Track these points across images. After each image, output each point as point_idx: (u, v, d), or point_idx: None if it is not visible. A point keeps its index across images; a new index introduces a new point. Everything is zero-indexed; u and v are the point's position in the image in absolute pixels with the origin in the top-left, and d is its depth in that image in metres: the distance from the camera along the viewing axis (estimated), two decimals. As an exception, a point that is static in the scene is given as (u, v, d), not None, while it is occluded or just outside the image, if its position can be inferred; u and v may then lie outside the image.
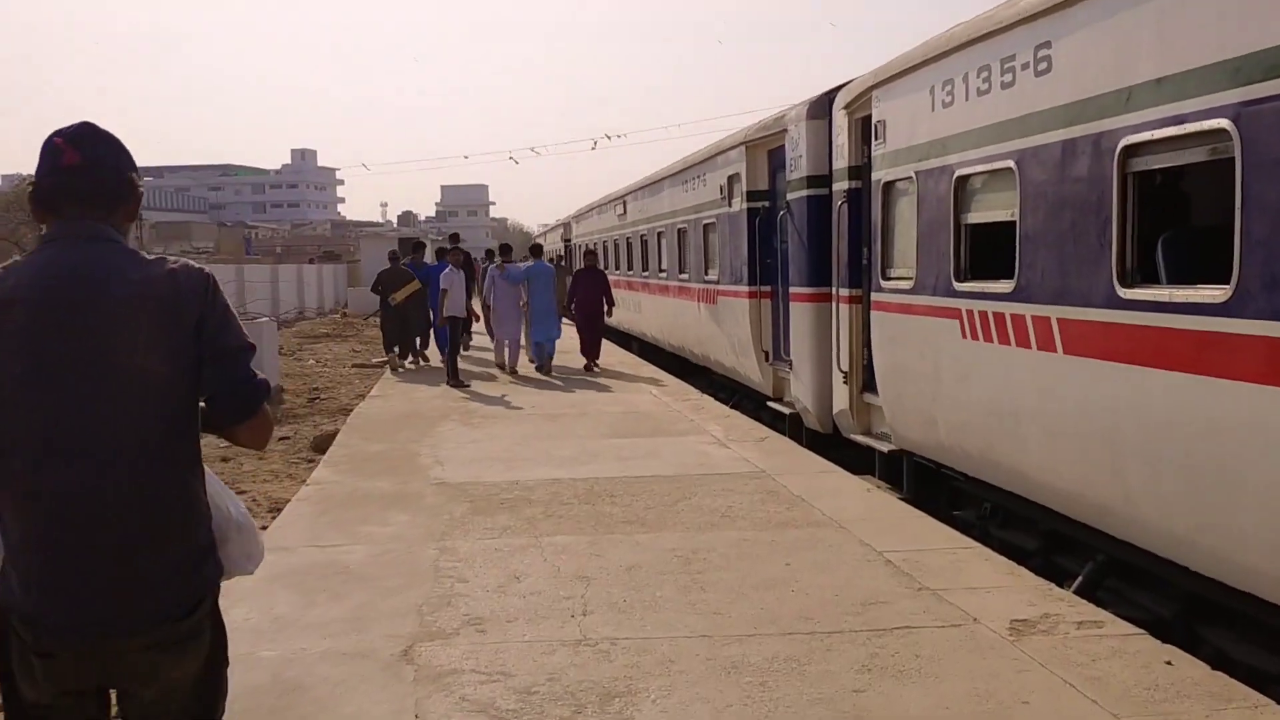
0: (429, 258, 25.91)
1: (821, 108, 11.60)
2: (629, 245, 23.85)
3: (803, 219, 11.84)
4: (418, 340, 21.06)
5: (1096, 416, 6.28)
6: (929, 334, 8.42)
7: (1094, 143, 6.22)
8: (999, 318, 7.34)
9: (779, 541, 7.54)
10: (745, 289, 13.73)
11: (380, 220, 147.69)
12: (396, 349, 20.72)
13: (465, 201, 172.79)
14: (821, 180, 11.62)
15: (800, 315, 12.00)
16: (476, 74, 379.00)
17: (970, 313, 7.73)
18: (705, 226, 16.01)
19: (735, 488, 9.33)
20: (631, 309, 24.04)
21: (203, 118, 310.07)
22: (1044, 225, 6.80)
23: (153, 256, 2.86)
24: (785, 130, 12.32)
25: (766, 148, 13.40)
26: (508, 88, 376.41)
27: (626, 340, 25.92)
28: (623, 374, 18.70)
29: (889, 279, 9.36)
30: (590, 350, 19.13)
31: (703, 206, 16.08)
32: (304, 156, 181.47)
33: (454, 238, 29.40)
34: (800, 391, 12.17)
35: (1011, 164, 7.16)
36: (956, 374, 8.03)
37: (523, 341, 19.42)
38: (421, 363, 21.08)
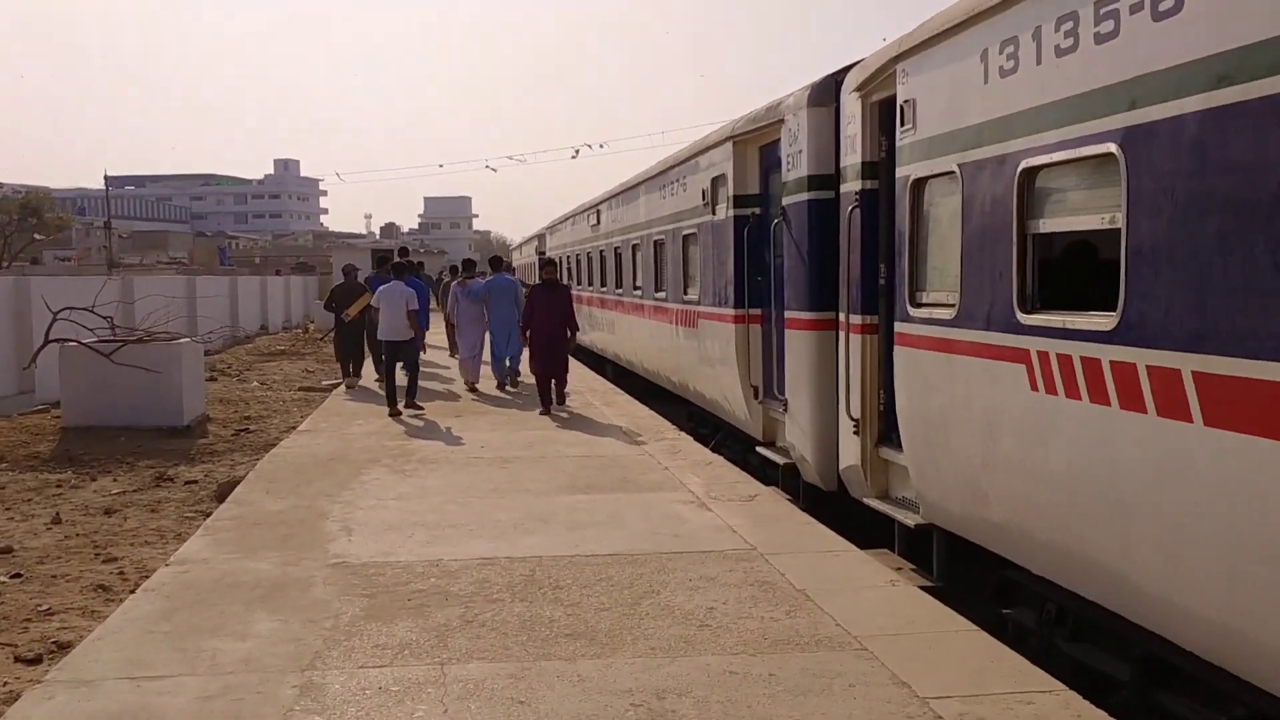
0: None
1: (827, 92, 9.49)
2: (602, 259, 21.71)
3: (802, 228, 9.72)
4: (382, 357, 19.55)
5: (1265, 520, 4.15)
6: (979, 380, 6.29)
7: (1268, 107, 4.10)
8: (1091, 366, 5.21)
9: (779, 677, 5.36)
10: (731, 311, 11.59)
11: (364, 232, 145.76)
12: (352, 367, 19.77)
13: (448, 214, 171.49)
14: (826, 181, 9.51)
15: (798, 345, 9.87)
16: (463, 83, 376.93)
17: (1044, 356, 5.60)
18: (685, 238, 13.88)
19: (717, 575, 7.16)
20: (605, 329, 21.88)
21: (186, 127, 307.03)
22: (1171, 235, 4.67)
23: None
24: (781, 121, 10.20)
25: (758, 143, 11.29)
26: (492, 96, 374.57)
27: (600, 362, 23.76)
28: (591, 404, 16.53)
29: (920, 305, 7.22)
30: (547, 390, 15.35)
31: (682, 215, 13.95)
32: (287, 167, 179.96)
33: (402, 251, 27.50)
34: (797, 438, 10.03)
35: (1113, 147, 5.04)
36: (1021, 437, 5.90)
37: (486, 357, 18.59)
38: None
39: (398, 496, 9.86)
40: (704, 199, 12.63)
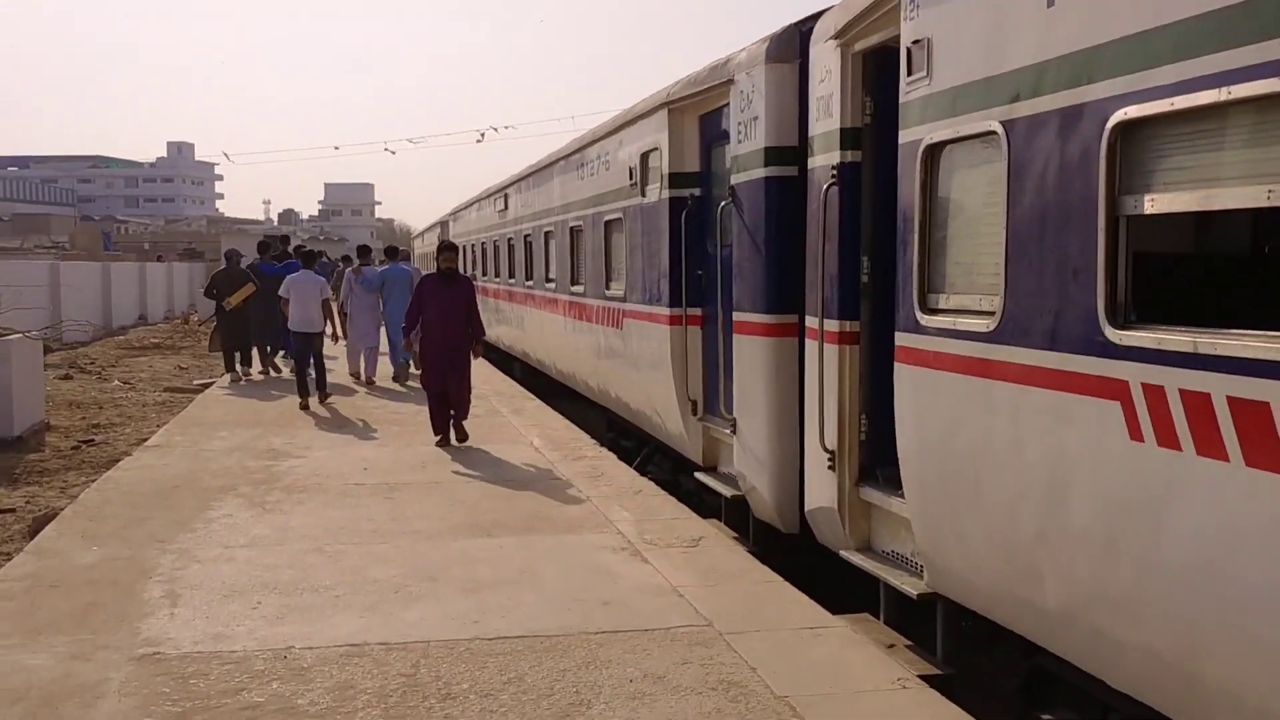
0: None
1: (789, 45, 7.71)
2: (510, 248, 19.70)
3: (758, 212, 7.92)
4: (268, 348, 19.30)
5: None
6: (1038, 419, 4.54)
7: None
8: (1247, 411, 3.47)
9: None
10: (665, 311, 9.75)
11: (262, 218, 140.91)
12: (238, 357, 18.61)
13: (349, 200, 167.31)
14: (788, 154, 7.74)
15: (751, 354, 8.08)
16: (364, 65, 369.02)
17: (1156, 393, 3.86)
18: (608, 224, 12.00)
19: (666, 671, 5.32)
20: (513, 325, 19.89)
21: (74, 107, 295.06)
22: None
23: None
24: (730, 83, 8.39)
25: (699, 111, 9.46)
26: (394, 80, 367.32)
27: (506, 360, 21.77)
28: (497, 411, 14.57)
29: (936, 311, 5.46)
30: (443, 417, 11.98)
31: (604, 197, 12.07)
32: (180, 150, 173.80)
33: (284, 239, 25.38)
34: (749, 467, 8.24)
35: (1299, 82, 3.31)
36: (1110, 504, 4.15)
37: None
38: (272, 372, 19.25)
39: (250, 542, 7.82)
40: (631, 178, 10.77)
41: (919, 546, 5.81)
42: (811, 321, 7.15)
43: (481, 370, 19.54)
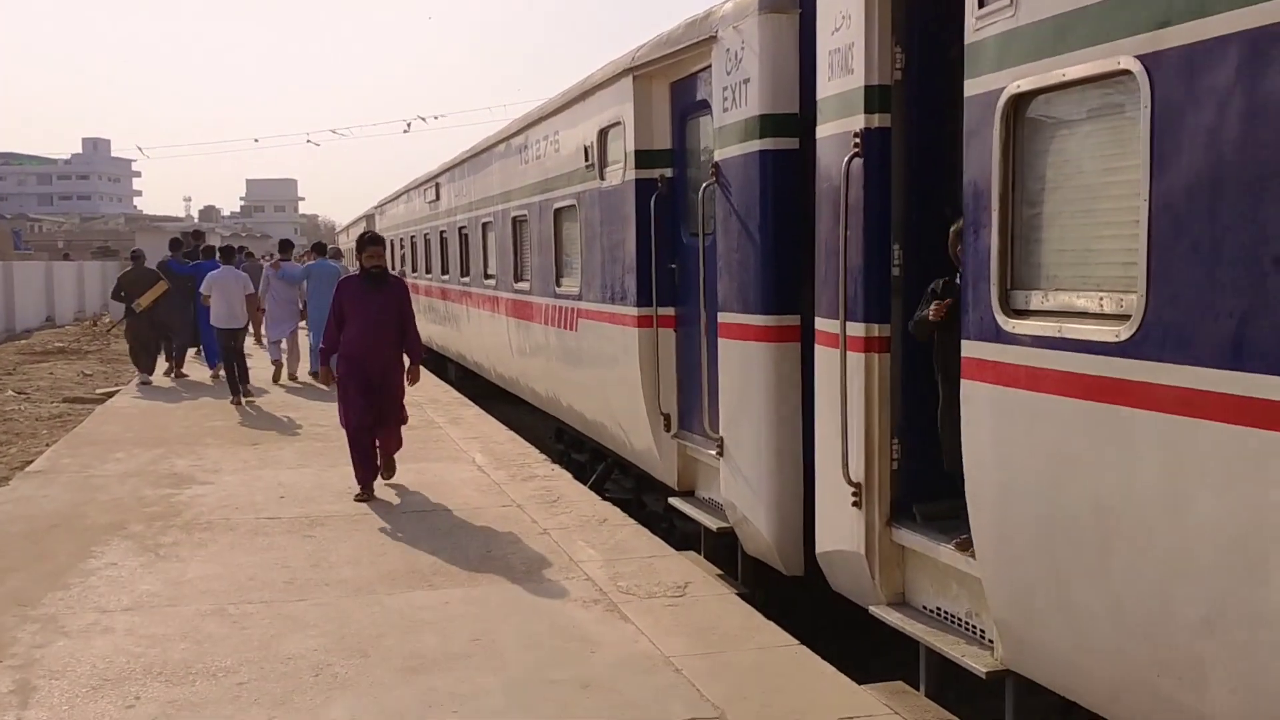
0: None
1: (789, -9, 6.41)
2: (444, 241, 18.19)
3: (751, 192, 6.61)
4: (181, 349, 18.60)
5: None
6: (1216, 463, 3.27)
7: None
8: None
9: None
10: (632, 311, 8.40)
11: (182, 215, 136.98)
12: (145, 361, 17.85)
13: (272, 196, 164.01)
14: (788, 123, 6.45)
15: (744, 362, 6.77)
16: (283, 54, 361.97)
17: None
18: (558, 212, 10.60)
19: (679, 796, 4.00)
20: (447, 324, 18.40)
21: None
22: None
23: None
24: (712, 41, 7.05)
25: (671, 77, 8.11)
26: (316, 69, 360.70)
27: (440, 363, 20.27)
28: (433, 422, 13.12)
29: (1027, 313, 4.17)
30: (368, 455, 9.21)
31: (553, 182, 10.67)
32: (96, 146, 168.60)
33: (197, 235, 24.58)
34: (740, 495, 6.93)
35: None
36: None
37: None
38: (183, 375, 18.35)
39: (134, 603, 6.33)
40: (588, 159, 9.39)
41: (996, 614, 4.53)
42: (826, 325, 5.85)
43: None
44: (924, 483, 5.56)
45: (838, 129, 5.70)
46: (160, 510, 8.65)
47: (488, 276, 14.35)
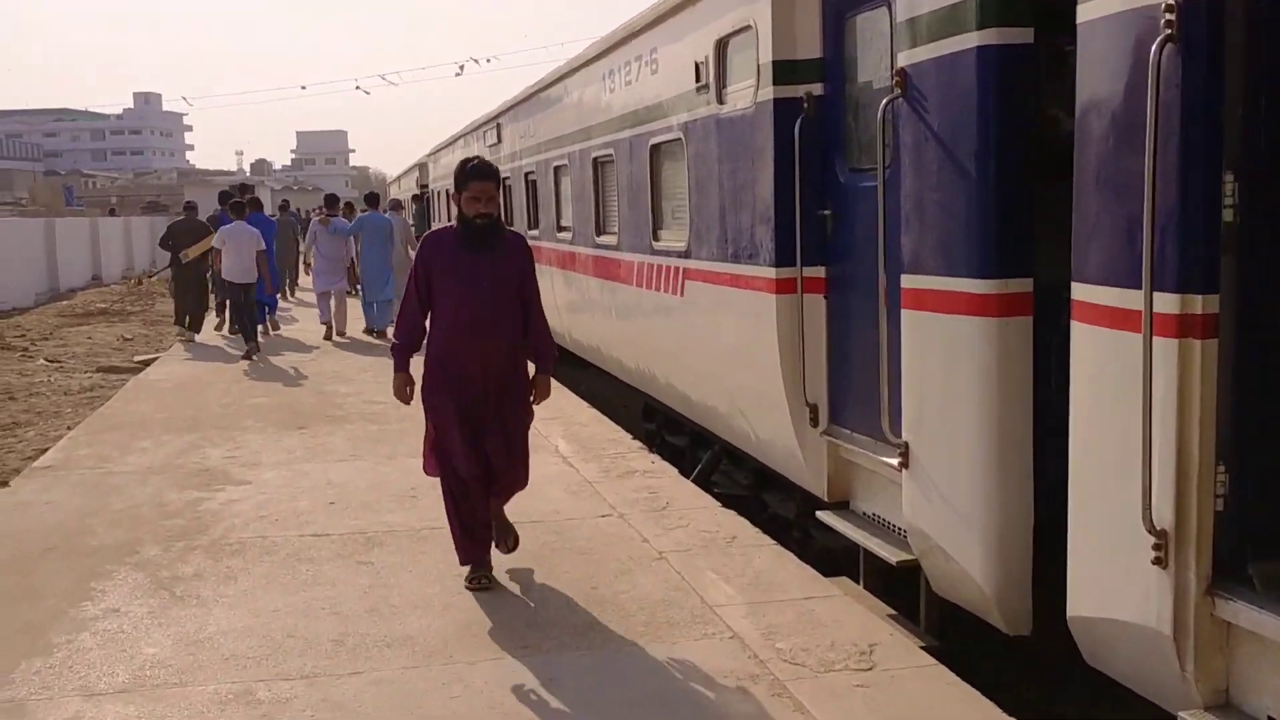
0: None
1: None
2: (506, 191, 16.40)
3: (963, 106, 4.75)
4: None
5: None
6: None
7: None
8: None
9: None
10: (767, 272, 6.57)
11: (234, 169, 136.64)
12: (189, 319, 17.59)
13: (322, 149, 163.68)
14: (1017, 7, 4.58)
15: (946, 342, 4.95)
16: (329, 3, 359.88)
17: None
18: (656, 149, 8.76)
19: None
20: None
21: (39, 59, 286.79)
22: None
23: None
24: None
25: (821, -36, 6.21)
26: (363, 16, 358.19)
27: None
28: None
29: None
30: (480, 520, 5.91)
31: (649, 113, 8.82)
32: (148, 100, 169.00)
33: (243, 189, 24.82)
34: (934, 520, 5.14)
35: None
36: None
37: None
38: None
39: (133, 682, 4.68)
40: (699, 79, 7.52)
41: None
42: (1099, 294, 4.01)
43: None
44: (1265, 530, 3.75)
45: (1126, 3, 3.82)
46: (183, 524, 7.02)
47: (561, 229, 12.56)
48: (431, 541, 6.55)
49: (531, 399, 5.90)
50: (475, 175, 5.56)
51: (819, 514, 6.36)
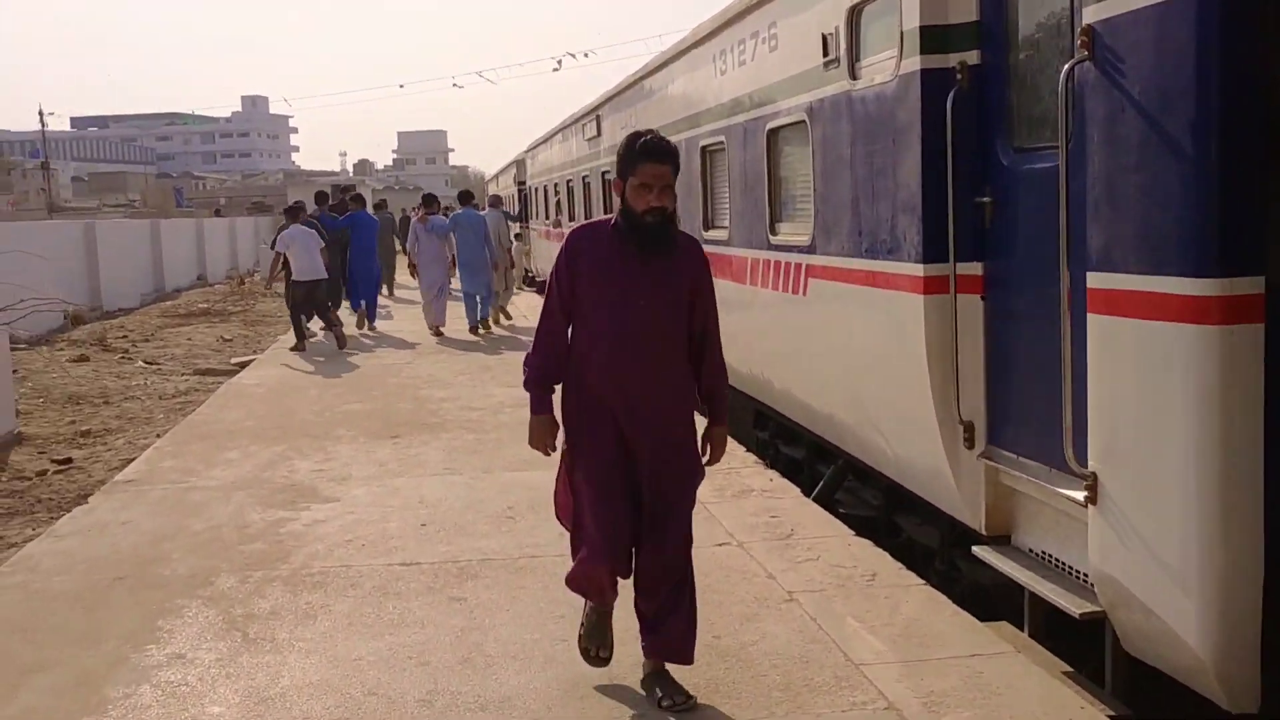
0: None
1: None
2: (605, 186, 15.73)
3: (1177, 67, 3.87)
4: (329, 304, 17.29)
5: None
6: None
7: None
8: None
9: None
10: (912, 269, 5.73)
11: (337, 170, 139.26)
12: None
13: (423, 149, 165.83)
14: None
15: (1147, 355, 4.08)
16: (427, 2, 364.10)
17: None
18: (774, 134, 7.95)
19: None
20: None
21: (151, 64, 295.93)
22: None
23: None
24: None
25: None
26: (460, 13, 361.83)
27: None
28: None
29: None
30: (606, 617, 4.53)
31: (767, 94, 8.01)
32: (255, 104, 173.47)
33: (345, 189, 25.20)
34: (1130, 568, 4.26)
35: None
36: None
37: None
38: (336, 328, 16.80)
39: (190, 751, 4.08)
40: (827, 53, 6.70)
41: None
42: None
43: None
44: None
45: None
46: (264, 549, 6.44)
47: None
48: (530, 574, 5.86)
49: (704, 459, 4.40)
50: (647, 155, 4.10)
51: (976, 550, 5.50)
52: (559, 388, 4.42)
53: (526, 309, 20.26)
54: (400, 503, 7.41)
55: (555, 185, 21.81)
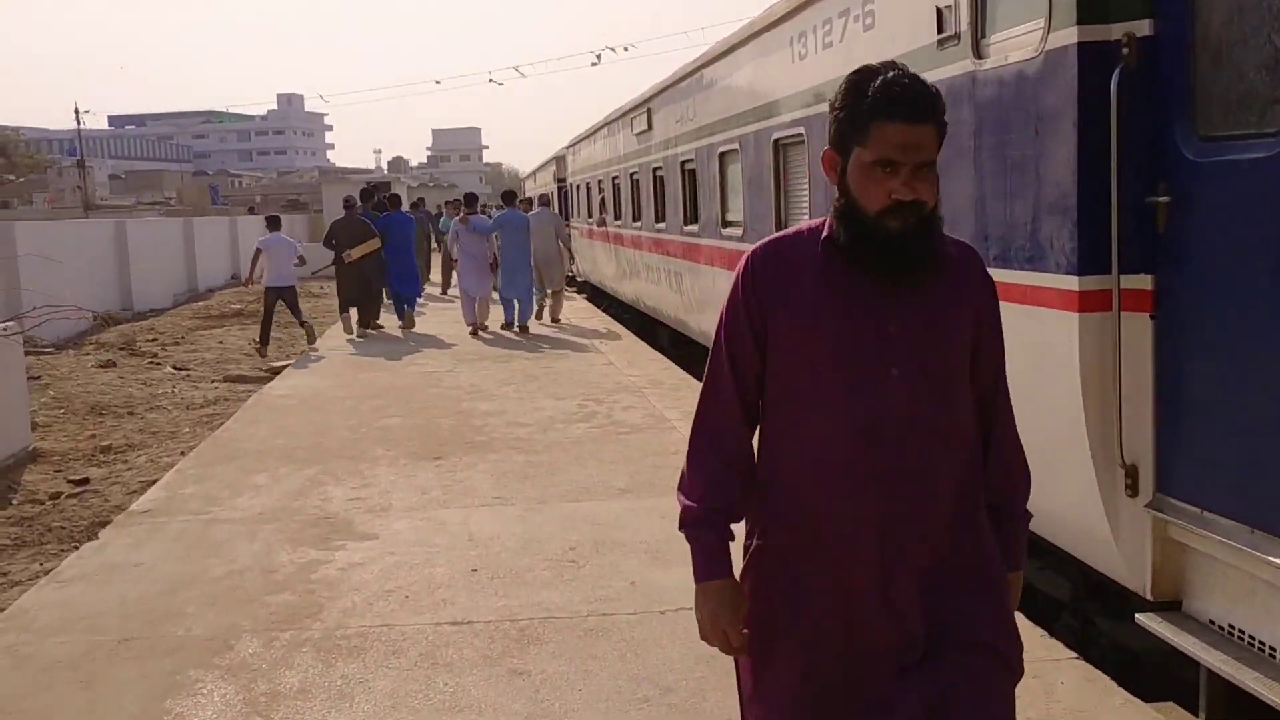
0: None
1: None
2: (657, 182, 14.84)
3: None
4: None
5: None
6: None
7: None
8: None
9: None
10: (1061, 282, 4.80)
11: (372, 167, 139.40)
12: (354, 312, 17.53)
13: (457, 146, 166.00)
14: None
15: None
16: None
17: None
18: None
19: None
20: (656, 282, 15.11)
21: (188, 61, 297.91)
22: None
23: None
24: None
25: None
26: (496, 9, 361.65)
27: (647, 324, 17.15)
28: (664, 419, 9.83)
29: None
30: None
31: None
32: (290, 102, 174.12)
33: (379, 186, 25.52)
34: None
35: None
36: None
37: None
38: (378, 327, 17.88)
39: None
40: (942, 28, 5.77)
41: None
42: None
43: (625, 349, 14.89)
44: None
45: None
46: (293, 602, 5.61)
47: (727, 224, 10.92)
48: (602, 638, 5.00)
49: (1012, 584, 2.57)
50: (891, 108, 2.25)
51: (1140, 618, 4.57)
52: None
53: (568, 310, 19.47)
54: (446, 541, 6.56)
55: (599, 182, 20.96)
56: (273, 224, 18.18)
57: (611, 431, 9.52)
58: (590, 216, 22.38)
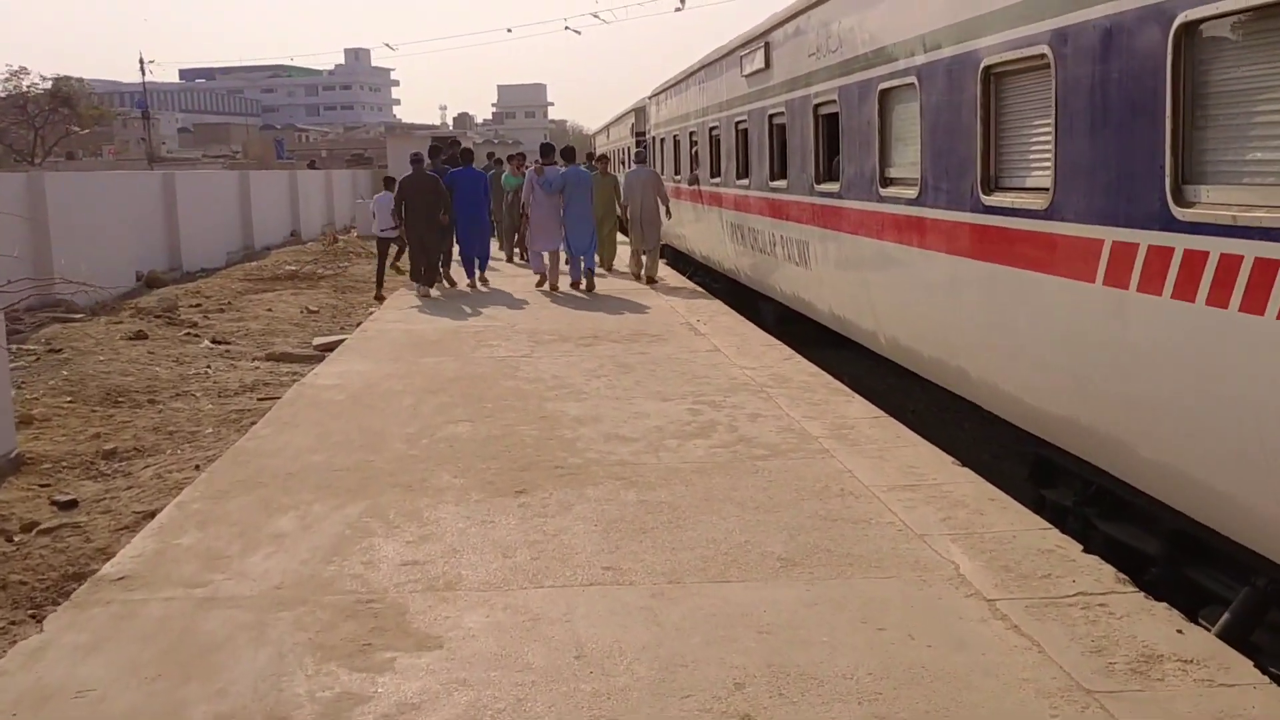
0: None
1: None
2: (775, 133, 12.44)
3: None
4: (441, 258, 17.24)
5: None
6: None
7: None
8: None
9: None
10: None
11: (437, 123, 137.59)
12: (424, 271, 16.73)
13: (522, 102, 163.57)
14: None
15: None
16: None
17: None
18: (1132, 40, 4.63)
19: None
20: (751, 247, 12.75)
21: (258, 14, 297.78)
22: None
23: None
24: None
25: None
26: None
27: (744, 296, 14.87)
28: (816, 441, 7.52)
29: None
30: None
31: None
32: (357, 56, 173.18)
33: (453, 142, 24.10)
34: None
35: None
36: None
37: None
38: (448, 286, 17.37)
39: None
40: None
41: None
42: None
43: (721, 328, 12.56)
44: None
45: None
46: (332, 702, 3.43)
47: (889, 182, 8.54)
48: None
49: None
50: None
51: None
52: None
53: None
54: (543, 659, 4.34)
55: (691, 134, 18.56)
56: (388, 184, 19.37)
57: (743, 454, 7.26)
58: (678, 174, 20.00)
